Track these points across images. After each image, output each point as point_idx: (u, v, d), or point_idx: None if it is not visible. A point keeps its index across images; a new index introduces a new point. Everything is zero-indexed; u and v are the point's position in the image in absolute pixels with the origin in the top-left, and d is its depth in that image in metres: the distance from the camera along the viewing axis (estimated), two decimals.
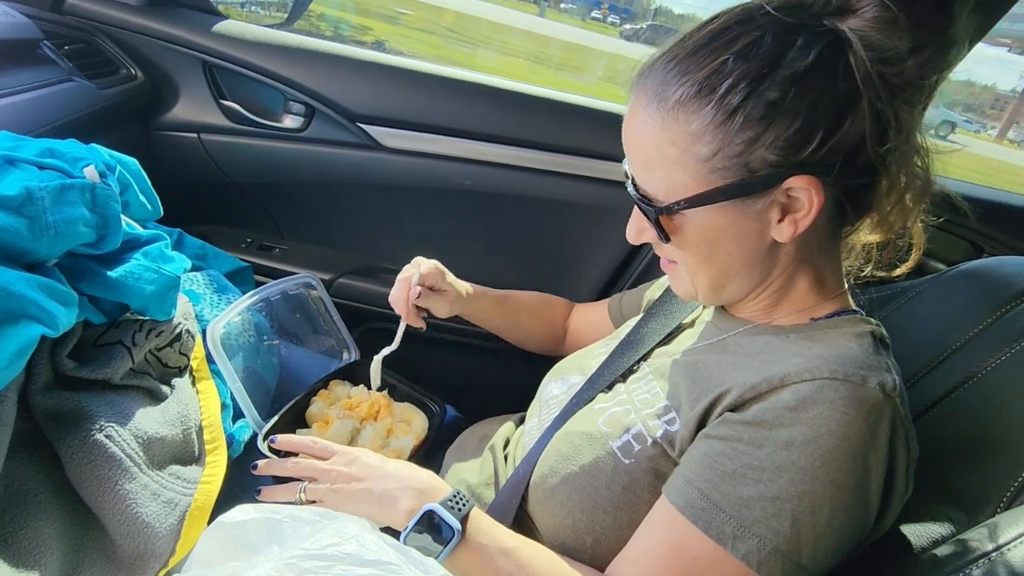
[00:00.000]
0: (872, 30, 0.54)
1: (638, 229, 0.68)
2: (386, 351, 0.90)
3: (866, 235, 0.67)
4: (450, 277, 0.95)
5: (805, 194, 0.58)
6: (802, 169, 0.57)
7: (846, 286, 0.70)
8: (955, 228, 1.32)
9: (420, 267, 0.90)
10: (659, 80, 0.59)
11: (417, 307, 0.91)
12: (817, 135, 0.55)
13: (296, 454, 0.76)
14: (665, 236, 0.63)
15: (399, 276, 0.91)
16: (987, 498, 0.63)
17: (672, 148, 0.59)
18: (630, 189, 0.65)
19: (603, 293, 1.43)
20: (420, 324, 0.92)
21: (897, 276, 0.70)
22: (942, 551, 0.59)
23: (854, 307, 0.69)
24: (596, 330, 1.01)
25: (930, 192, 0.63)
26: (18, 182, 0.62)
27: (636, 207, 0.66)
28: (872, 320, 0.66)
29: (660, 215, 0.62)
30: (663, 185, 0.61)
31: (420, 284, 0.89)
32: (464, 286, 0.97)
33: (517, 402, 1.00)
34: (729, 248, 0.63)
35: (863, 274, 0.71)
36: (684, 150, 0.58)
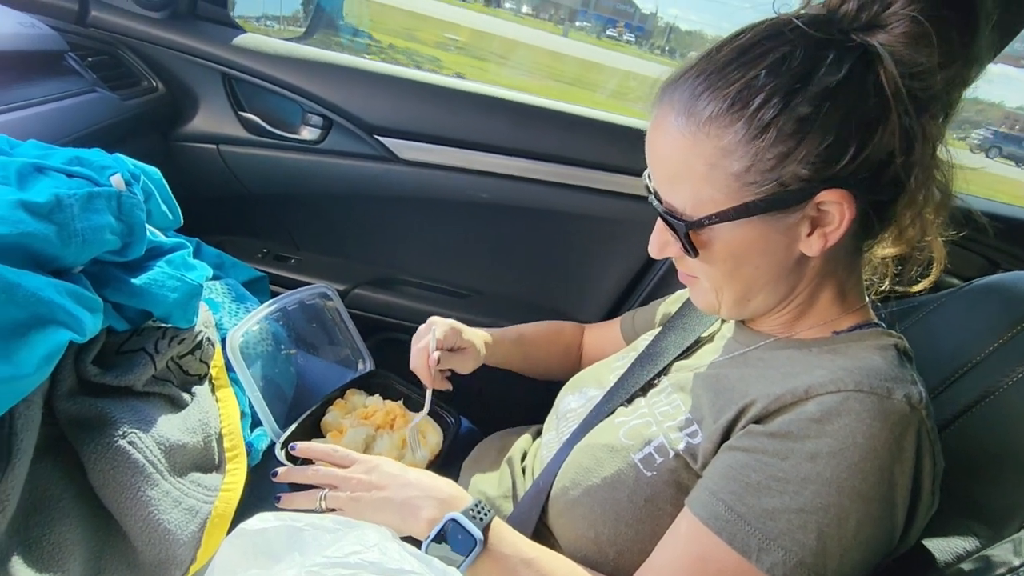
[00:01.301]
0: (901, 45, 0.55)
1: (661, 243, 0.67)
2: (417, 419, 0.88)
3: (884, 248, 0.67)
4: (467, 333, 0.91)
5: (836, 208, 0.58)
6: (834, 183, 0.57)
7: (867, 299, 0.69)
8: (970, 244, 1.32)
9: (435, 331, 0.86)
10: (688, 95, 0.59)
11: (440, 369, 0.88)
12: (849, 150, 0.55)
13: (315, 462, 0.77)
14: (693, 251, 0.63)
15: (415, 345, 0.87)
16: (1012, 512, 0.62)
17: (702, 163, 0.59)
18: (655, 203, 0.64)
19: (617, 304, 1.43)
20: (446, 386, 0.90)
21: (917, 291, 0.70)
22: (967, 566, 0.58)
23: (876, 320, 0.68)
24: (610, 350, 1.00)
25: (948, 205, 0.63)
26: (48, 189, 0.63)
27: (660, 221, 0.66)
28: (895, 333, 0.66)
29: (689, 230, 0.62)
30: (691, 200, 0.61)
31: (438, 348, 0.86)
32: (481, 337, 0.94)
33: (531, 413, 1.00)
34: (757, 262, 0.63)
35: (883, 290, 0.71)
36: (714, 165, 0.58)
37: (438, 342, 0.86)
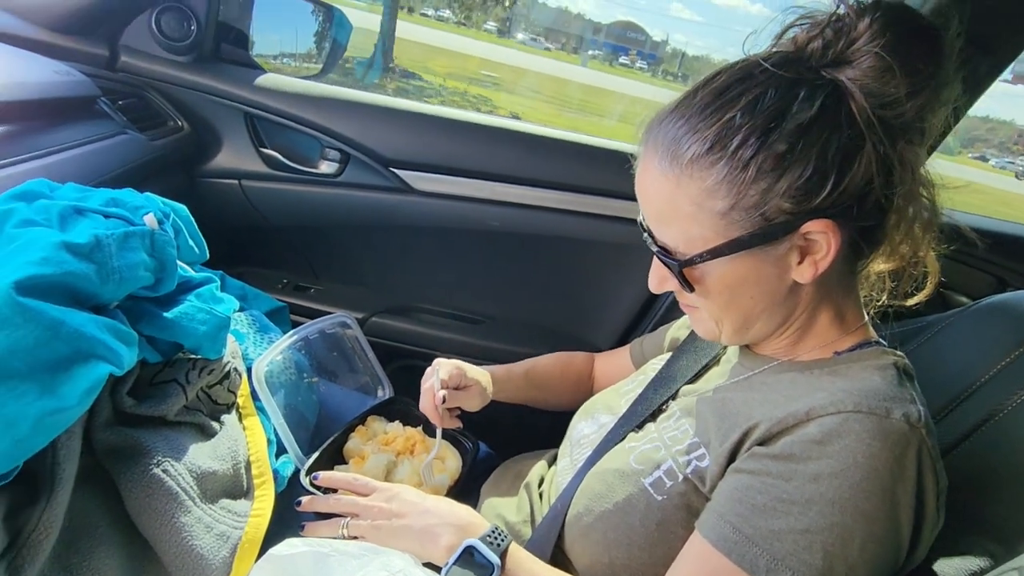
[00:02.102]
0: (869, 79, 0.57)
1: (660, 278, 0.69)
2: (429, 457, 0.89)
3: (879, 264, 0.68)
4: (471, 372, 0.93)
5: (823, 237, 0.59)
6: (817, 214, 0.58)
7: (866, 318, 0.71)
8: (979, 263, 1.33)
9: (439, 371, 0.89)
10: (670, 138, 0.62)
11: (448, 408, 0.90)
12: (828, 181, 0.57)
13: (337, 490, 0.79)
14: (689, 287, 0.65)
15: (423, 385, 0.90)
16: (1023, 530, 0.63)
17: (688, 203, 0.61)
18: (648, 242, 0.67)
19: (630, 328, 1.45)
20: (455, 424, 0.92)
21: (915, 305, 0.70)
22: None
23: (876, 339, 0.70)
24: (621, 377, 1.01)
25: (937, 221, 0.64)
26: (88, 230, 0.67)
27: (656, 259, 0.68)
28: (895, 351, 0.67)
29: (683, 268, 0.64)
30: (681, 238, 0.63)
31: (444, 388, 0.87)
32: (486, 375, 0.96)
33: (547, 438, 1.01)
34: (751, 292, 0.64)
35: (880, 304, 0.71)
36: (700, 205, 0.60)
37: (443, 382, 0.87)
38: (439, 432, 0.89)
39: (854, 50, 0.58)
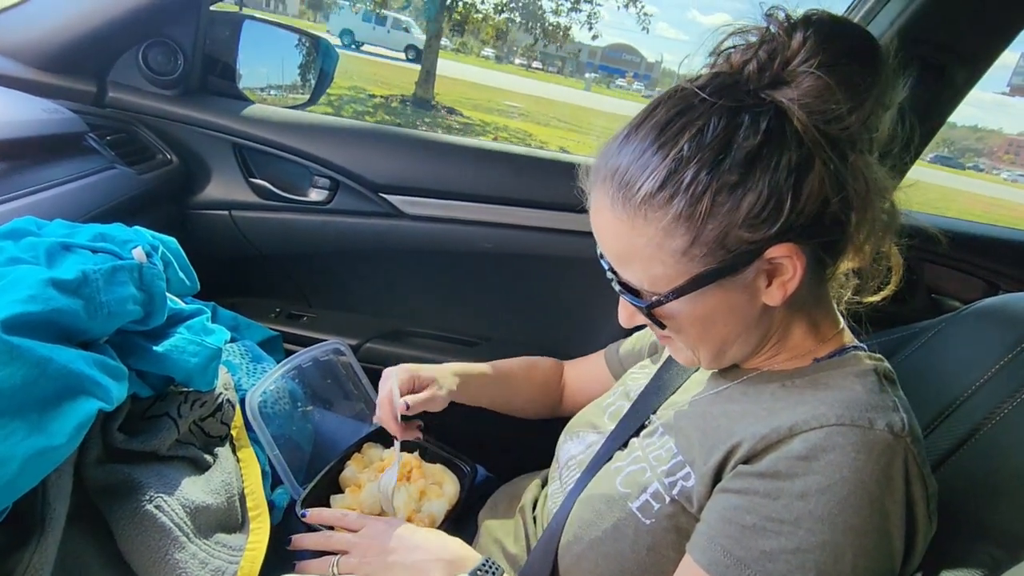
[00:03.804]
0: (809, 98, 0.56)
1: (629, 314, 0.67)
2: (387, 475, 0.84)
3: (845, 264, 0.67)
4: (426, 370, 0.88)
5: (787, 261, 0.58)
6: (778, 238, 0.57)
7: (842, 323, 0.70)
8: (971, 267, 1.34)
9: (391, 380, 0.84)
10: (619, 179, 0.59)
11: (410, 417, 0.86)
12: (785, 204, 0.56)
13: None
14: (660, 325, 0.64)
15: (378, 398, 0.85)
16: None
17: (646, 244, 0.59)
18: (613, 282, 0.65)
19: None
20: (415, 435, 0.90)
21: (882, 301, 0.69)
22: None
23: (854, 343, 0.69)
24: (597, 383, 0.99)
25: (897, 222, 0.64)
26: (75, 266, 0.67)
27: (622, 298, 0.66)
28: (874, 355, 0.66)
29: (651, 309, 0.63)
30: (645, 278, 0.61)
31: (402, 396, 0.83)
32: (442, 370, 0.91)
33: (546, 456, 1.00)
34: (724, 321, 0.63)
35: (850, 301, 0.70)
36: (659, 245, 0.58)
37: (399, 390, 0.83)
38: (397, 444, 0.85)
39: (791, 71, 0.57)
